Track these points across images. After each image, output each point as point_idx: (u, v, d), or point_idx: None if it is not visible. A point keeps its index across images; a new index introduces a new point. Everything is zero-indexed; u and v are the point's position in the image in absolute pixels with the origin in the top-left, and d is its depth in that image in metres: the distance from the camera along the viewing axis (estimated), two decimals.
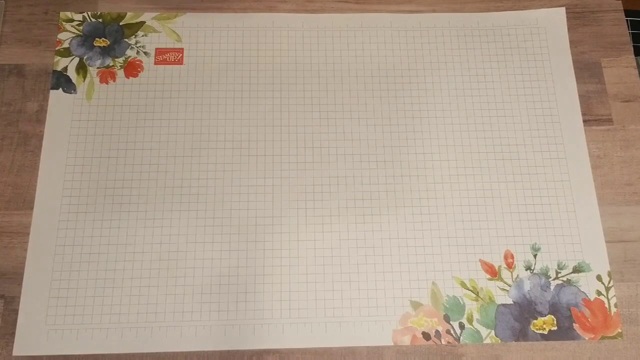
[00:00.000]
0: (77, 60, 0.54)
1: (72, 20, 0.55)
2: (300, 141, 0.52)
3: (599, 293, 0.48)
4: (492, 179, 0.51)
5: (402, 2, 0.57)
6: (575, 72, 0.55)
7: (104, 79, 0.53)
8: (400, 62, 0.55)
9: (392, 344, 0.46)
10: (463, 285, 0.48)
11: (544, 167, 0.52)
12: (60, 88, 0.53)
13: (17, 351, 0.45)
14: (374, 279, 0.48)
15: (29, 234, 0.48)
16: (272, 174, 0.51)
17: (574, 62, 0.55)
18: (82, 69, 0.54)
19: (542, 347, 0.46)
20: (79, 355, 0.45)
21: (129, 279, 0.47)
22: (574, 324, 0.47)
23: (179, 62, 0.54)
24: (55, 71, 0.53)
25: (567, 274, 0.48)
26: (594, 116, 0.54)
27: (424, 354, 0.46)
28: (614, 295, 0.48)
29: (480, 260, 0.49)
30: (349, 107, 0.53)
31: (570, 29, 0.57)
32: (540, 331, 0.47)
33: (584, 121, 0.53)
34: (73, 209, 0.49)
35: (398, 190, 0.50)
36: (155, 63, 0.54)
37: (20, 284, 0.47)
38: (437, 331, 0.46)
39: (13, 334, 0.45)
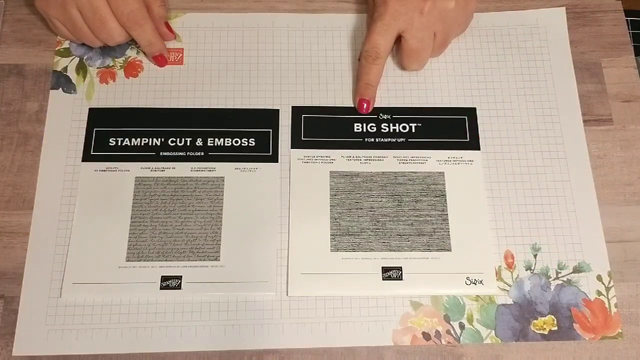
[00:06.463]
0: (77, 60, 0.54)
1: None
2: None
3: (599, 293, 0.48)
4: (492, 179, 0.51)
5: None
6: (575, 72, 0.55)
7: (104, 79, 0.53)
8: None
9: (392, 344, 0.46)
10: None
11: (544, 167, 0.52)
12: (60, 88, 0.53)
13: (16, 351, 0.45)
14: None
15: (29, 234, 0.48)
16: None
17: (574, 62, 0.55)
18: (82, 69, 0.54)
19: (542, 347, 0.46)
20: (79, 355, 0.45)
21: None
22: (574, 324, 0.47)
23: (179, 62, 0.54)
24: (55, 71, 0.53)
25: (567, 274, 0.48)
26: (594, 116, 0.54)
27: (424, 354, 0.46)
28: (614, 296, 0.48)
29: None
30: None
31: (570, 29, 0.57)
32: (541, 331, 0.47)
33: (584, 121, 0.53)
34: (73, 209, 0.49)
35: None
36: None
37: (20, 284, 0.47)
38: (437, 331, 0.46)
39: (13, 334, 0.45)
